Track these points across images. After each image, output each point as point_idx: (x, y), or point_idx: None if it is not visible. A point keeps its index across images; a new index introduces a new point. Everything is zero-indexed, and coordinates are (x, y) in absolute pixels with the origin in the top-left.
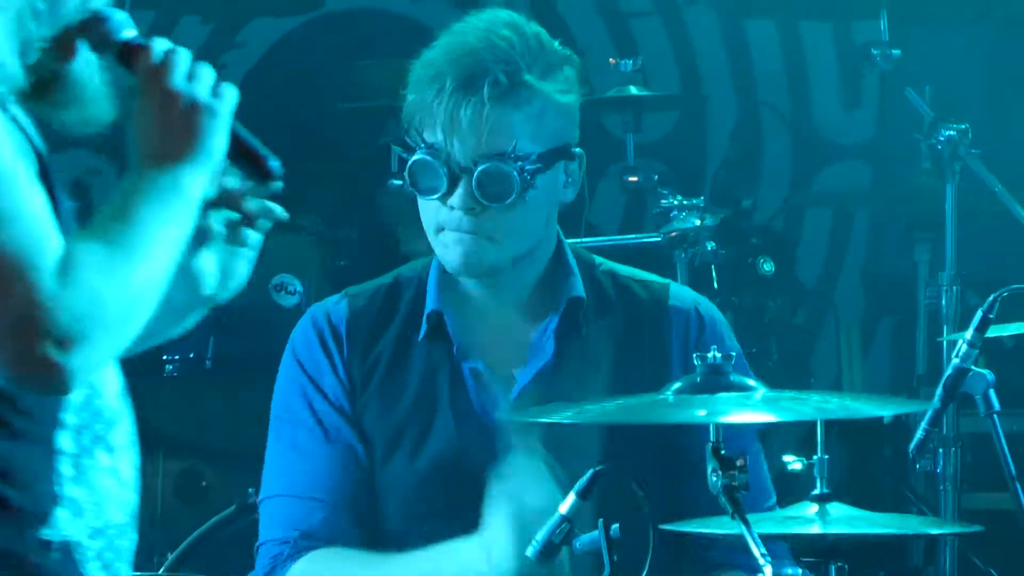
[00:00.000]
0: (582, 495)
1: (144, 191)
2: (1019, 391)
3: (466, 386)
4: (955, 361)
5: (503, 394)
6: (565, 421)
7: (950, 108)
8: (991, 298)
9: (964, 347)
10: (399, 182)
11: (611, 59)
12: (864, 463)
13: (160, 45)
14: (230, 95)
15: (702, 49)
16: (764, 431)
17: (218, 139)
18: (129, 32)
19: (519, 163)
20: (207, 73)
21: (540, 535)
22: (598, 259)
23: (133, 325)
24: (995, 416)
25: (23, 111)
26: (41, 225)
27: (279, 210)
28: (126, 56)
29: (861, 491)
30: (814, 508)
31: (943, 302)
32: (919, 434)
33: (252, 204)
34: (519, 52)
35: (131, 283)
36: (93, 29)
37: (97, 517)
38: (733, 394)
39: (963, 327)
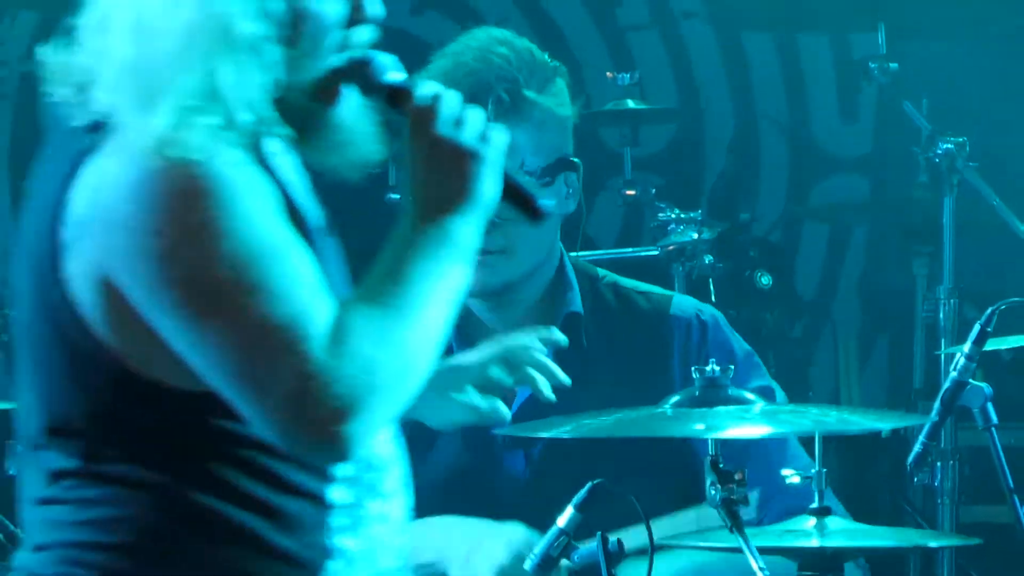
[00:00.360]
0: (580, 508)
1: (415, 247)
2: (1017, 404)
3: None
4: (953, 374)
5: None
6: (562, 436)
7: (948, 121)
8: (989, 311)
9: (962, 360)
10: (397, 196)
11: (608, 73)
12: (862, 477)
13: (426, 89)
14: (499, 139)
15: (699, 62)
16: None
17: (488, 186)
18: (395, 75)
19: (528, 179)
20: (475, 117)
21: (538, 548)
22: (601, 272)
23: (409, 387)
24: (993, 429)
25: (294, 156)
26: (311, 292)
27: (562, 376)
28: (393, 99)
29: (859, 505)
30: (812, 522)
31: (941, 315)
32: (917, 447)
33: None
34: (516, 68)
35: (405, 346)
36: (357, 72)
37: (369, 566)
38: (731, 408)
39: (961, 340)
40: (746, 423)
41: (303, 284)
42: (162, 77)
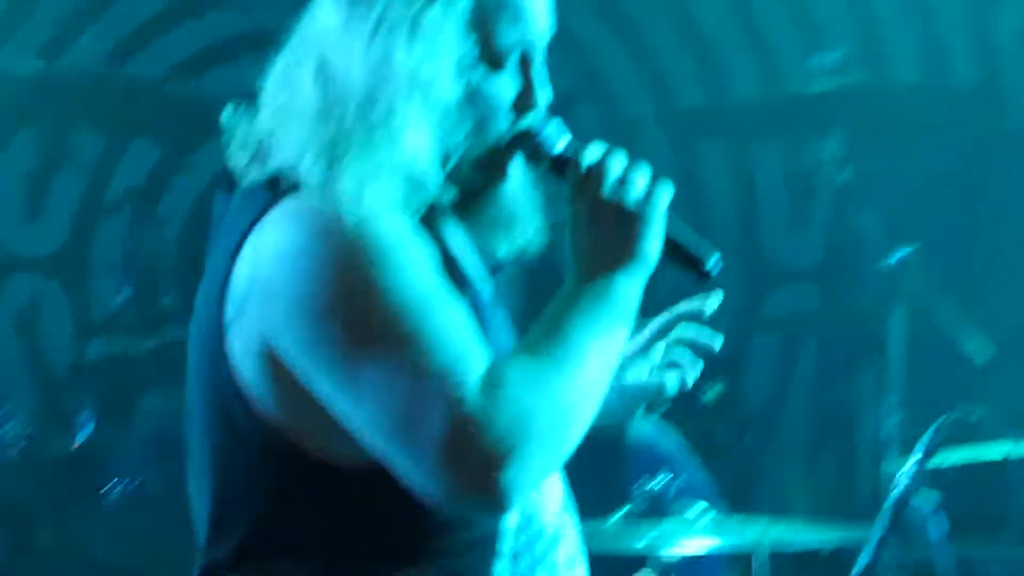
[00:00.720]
0: None
1: (576, 301)
2: (963, 518)
3: None
4: (899, 487)
5: None
6: None
7: (899, 231)
8: (936, 424)
9: (909, 473)
10: None
11: None
12: None
13: (592, 153)
14: (663, 196)
15: (651, 168)
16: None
17: (651, 244)
18: (562, 144)
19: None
20: (640, 176)
21: None
22: None
23: (567, 438)
24: (939, 542)
25: (457, 225)
26: (464, 343)
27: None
28: (558, 167)
29: None
30: None
31: (889, 428)
32: (864, 561)
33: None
34: None
35: (562, 396)
36: (527, 144)
37: None
38: (677, 521)
39: (909, 453)
40: (692, 536)
41: (457, 335)
42: (345, 134)
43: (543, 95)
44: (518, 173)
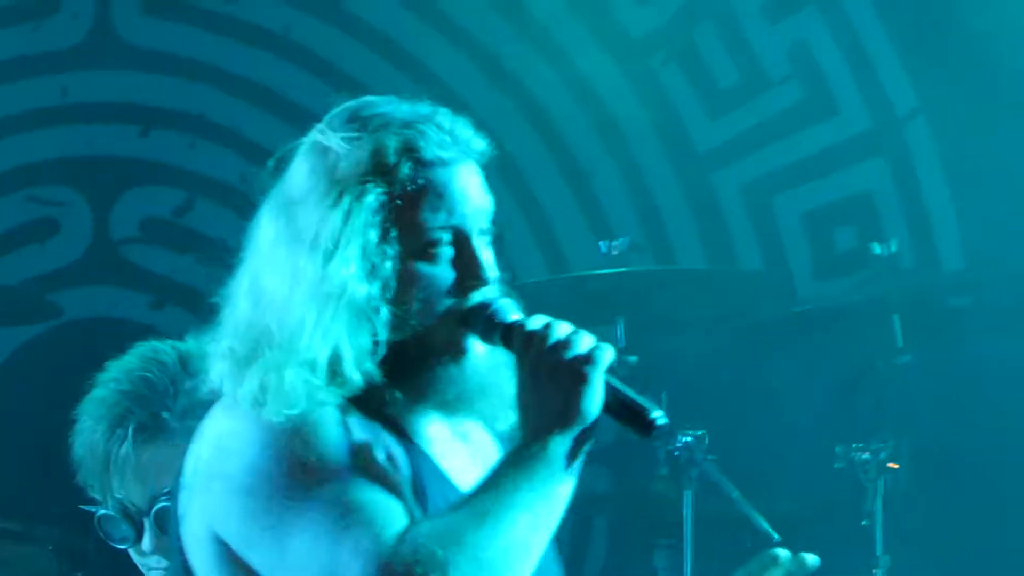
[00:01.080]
0: None
1: (512, 460)
2: None
3: None
4: None
5: None
6: None
7: (686, 414)
8: None
9: None
10: None
11: None
12: None
13: (537, 320)
14: (603, 358)
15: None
16: None
17: (592, 402)
18: (514, 315)
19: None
20: (582, 340)
21: None
22: None
23: None
24: None
25: (411, 403)
26: (380, 504)
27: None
28: (507, 336)
29: None
30: None
31: None
32: None
33: None
34: (160, 390)
35: (479, 548)
36: (478, 318)
37: None
38: None
39: None
40: None
41: (374, 500)
42: (261, 340)
43: (487, 270)
44: (479, 348)
